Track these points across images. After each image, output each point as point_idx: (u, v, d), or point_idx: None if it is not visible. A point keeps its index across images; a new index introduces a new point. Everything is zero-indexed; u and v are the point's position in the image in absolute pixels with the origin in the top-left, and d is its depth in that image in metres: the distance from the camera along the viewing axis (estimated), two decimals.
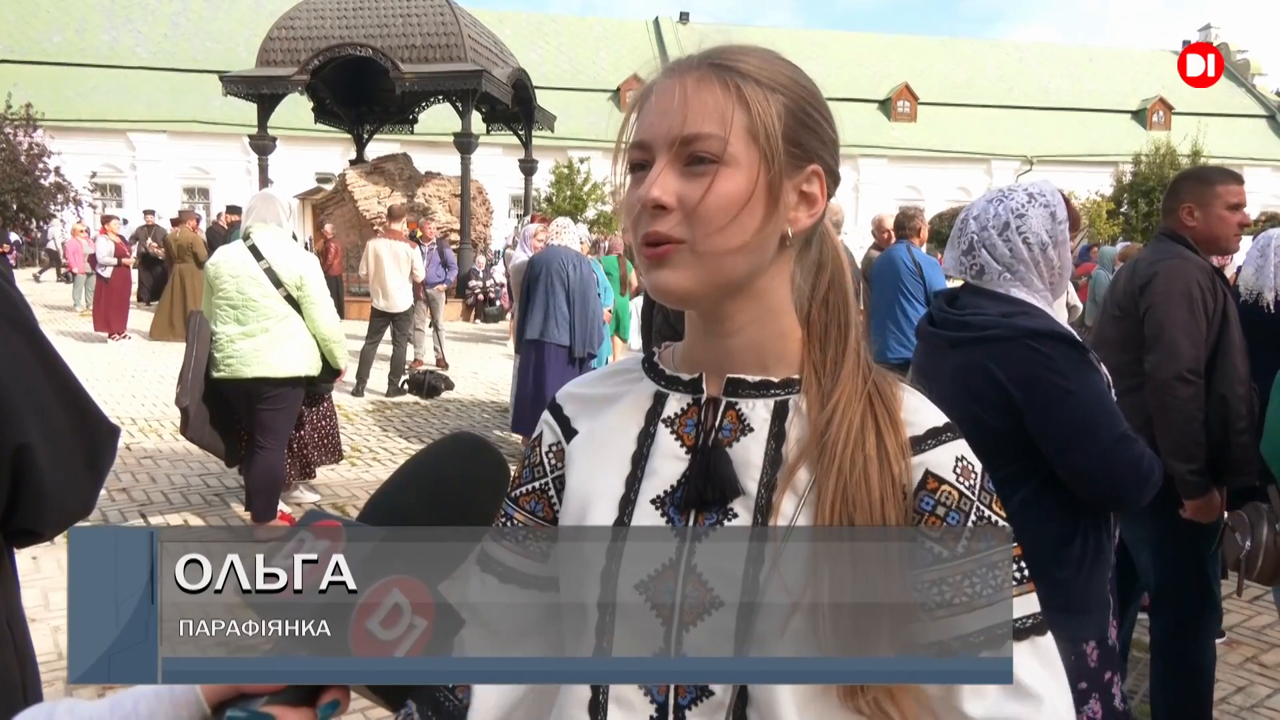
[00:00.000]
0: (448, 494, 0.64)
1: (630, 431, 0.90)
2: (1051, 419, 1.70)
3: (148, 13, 39.47)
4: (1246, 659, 3.69)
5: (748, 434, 0.86)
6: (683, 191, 0.80)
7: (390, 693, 0.56)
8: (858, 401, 0.84)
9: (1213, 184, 2.75)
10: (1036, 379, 1.71)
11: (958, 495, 0.83)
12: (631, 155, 0.84)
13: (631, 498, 0.87)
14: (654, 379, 0.93)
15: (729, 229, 0.80)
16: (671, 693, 0.81)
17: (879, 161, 39.30)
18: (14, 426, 1.25)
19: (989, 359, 1.74)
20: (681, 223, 0.80)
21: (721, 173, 0.79)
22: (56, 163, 24.31)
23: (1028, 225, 1.80)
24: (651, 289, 0.83)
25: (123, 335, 12.58)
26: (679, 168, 0.80)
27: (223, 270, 4.51)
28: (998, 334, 1.76)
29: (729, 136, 0.79)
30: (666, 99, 0.81)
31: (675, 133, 0.80)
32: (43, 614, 3.79)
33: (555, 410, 0.97)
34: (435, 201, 16.13)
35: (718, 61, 0.82)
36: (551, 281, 6.01)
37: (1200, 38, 47.46)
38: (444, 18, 14.98)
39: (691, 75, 0.82)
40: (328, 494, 5.64)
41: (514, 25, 39.90)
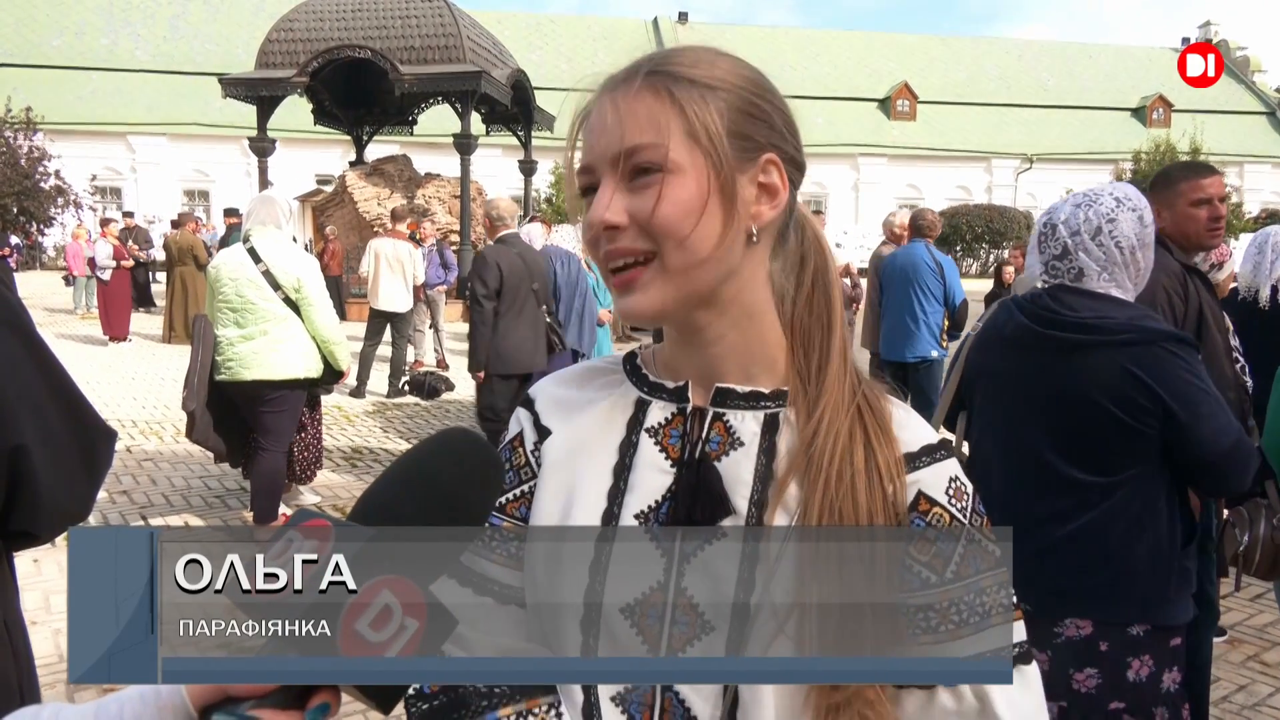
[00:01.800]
0: (440, 491, 0.62)
1: (611, 440, 0.85)
2: (1197, 417, 1.77)
3: (147, 16, 39.45)
4: (1248, 657, 3.68)
5: (738, 448, 0.81)
6: (633, 207, 0.77)
7: (382, 695, 0.55)
8: (845, 412, 0.80)
9: (1175, 182, 2.72)
10: (1181, 380, 1.77)
11: (949, 518, 0.79)
12: (580, 180, 0.81)
13: (615, 511, 0.82)
14: (636, 384, 0.88)
15: (692, 238, 0.76)
16: (656, 715, 0.78)
17: (878, 160, 39.24)
18: (9, 428, 1.25)
19: (1129, 361, 1.78)
20: (640, 236, 0.77)
21: (668, 180, 0.76)
22: (56, 166, 24.30)
23: (1119, 229, 1.86)
24: (622, 314, 0.80)
25: (124, 338, 12.58)
26: (625, 184, 0.77)
27: (222, 273, 4.52)
28: (1133, 337, 1.79)
29: (668, 143, 0.76)
30: (602, 117, 0.79)
31: (614, 149, 0.77)
32: (44, 616, 3.80)
33: (529, 405, 0.92)
34: (435, 203, 16.12)
35: (650, 69, 0.79)
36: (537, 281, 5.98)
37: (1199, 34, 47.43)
38: (443, 19, 14.96)
39: (622, 88, 0.79)
40: (328, 495, 5.64)
41: (513, 26, 39.87)
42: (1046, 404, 1.87)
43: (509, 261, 5.35)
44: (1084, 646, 1.80)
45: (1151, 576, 1.80)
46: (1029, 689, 0.78)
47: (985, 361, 2.03)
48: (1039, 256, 1.97)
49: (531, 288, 5.45)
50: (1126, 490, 1.81)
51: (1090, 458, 1.82)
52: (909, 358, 5.67)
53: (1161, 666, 1.81)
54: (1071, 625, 1.81)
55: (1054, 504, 1.83)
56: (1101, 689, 1.79)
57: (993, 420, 2.01)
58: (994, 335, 2.02)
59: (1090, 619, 1.79)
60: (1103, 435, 1.80)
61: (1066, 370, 1.84)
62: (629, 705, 0.79)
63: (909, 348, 5.68)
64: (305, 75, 14.45)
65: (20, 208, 23.04)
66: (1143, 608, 1.80)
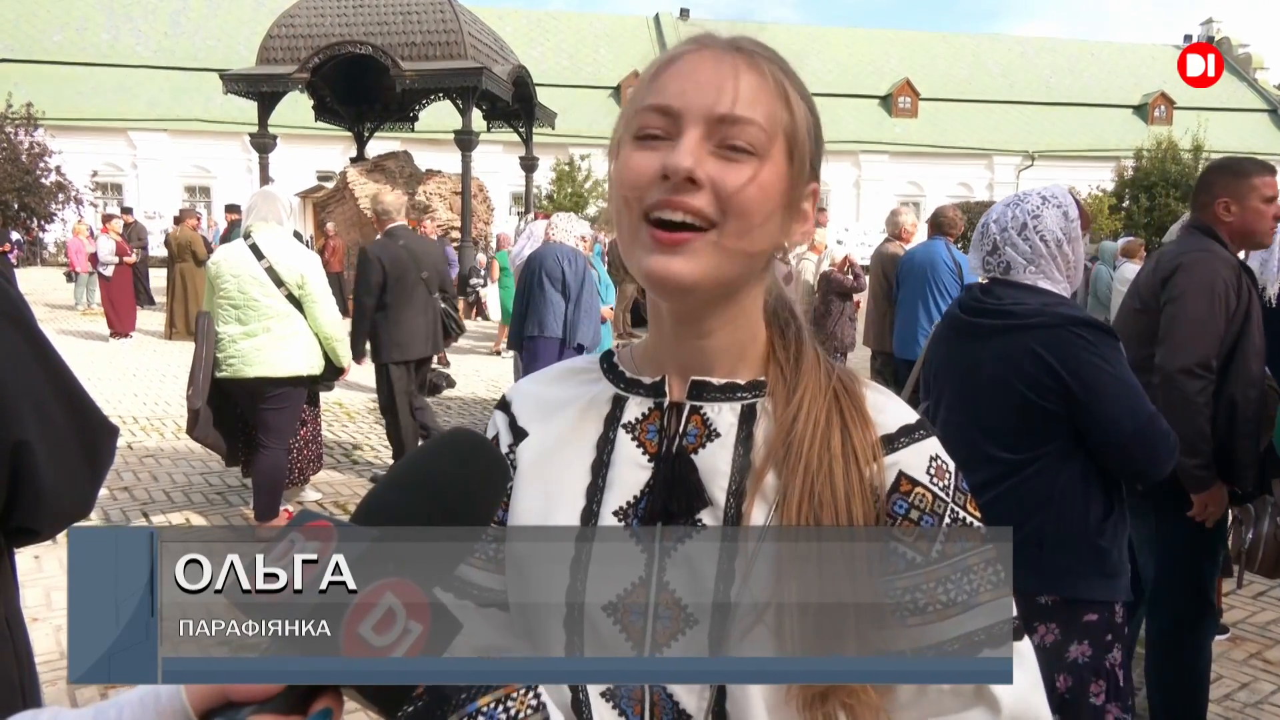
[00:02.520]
0: (444, 493, 0.62)
1: (588, 437, 0.84)
2: (1097, 398, 1.88)
3: (148, 11, 39.42)
4: (1250, 655, 3.68)
5: (714, 440, 0.81)
6: (718, 173, 0.73)
7: (385, 699, 0.54)
8: (822, 397, 0.80)
9: (1249, 176, 2.69)
10: (1083, 361, 1.89)
11: (931, 497, 0.78)
12: (644, 120, 0.75)
13: (594, 509, 0.81)
14: (613, 380, 0.87)
15: (761, 227, 0.75)
16: (647, 716, 0.77)
17: (880, 157, 39.20)
18: (12, 423, 1.24)
19: (1036, 343, 1.92)
20: (713, 204, 0.73)
21: (766, 165, 0.74)
22: (58, 162, 24.31)
23: (1043, 225, 1.99)
24: (655, 272, 0.74)
25: (127, 335, 12.59)
26: (713, 148, 0.73)
27: (224, 270, 4.51)
28: (1043, 320, 1.93)
29: (775, 133, 0.74)
30: (705, 70, 0.74)
31: (719, 109, 0.72)
32: (45, 613, 3.80)
33: (505, 407, 0.91)
34: (436, 199, 16.10)
35: (762, 52, 0.77)
36: (543, 278, 6.01)
37: (1201, 32, 47.33)
38: (444, 15, 14.95)
39: (733, 55, 0.75)
40: (329, 492, 5.65)
41: (514, 22, 39.83)
42: (971, 385, 2.01)
43: (392, 254, 5.58)
44: None
45: (1059, 551, 1.91)
46: (1023, 665, 0.77)
47: (938, 348, 2.20)
48: (976, 254, 2.10)
49: (420, 276, 5.67)
50: (1035, 467, 1.93)
51: (1005, 435, 1.96)
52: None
53: (1069, 638, 1.91)
54: None
55: (973, 478, 1.92)
56: None
57: (936, 402, 2.16)
58: (951, 323, 2.17)
59: None
60: (1014, 414, 1.94)
61: (988, 353, 1.98)
62: (619, 700, 0.78)
63: (920, 346, 5.66)
64: (306, 71, 14.45)
65: (21, 203, 23.05)
66: (1047, 579, 1.90)
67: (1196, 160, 31.41)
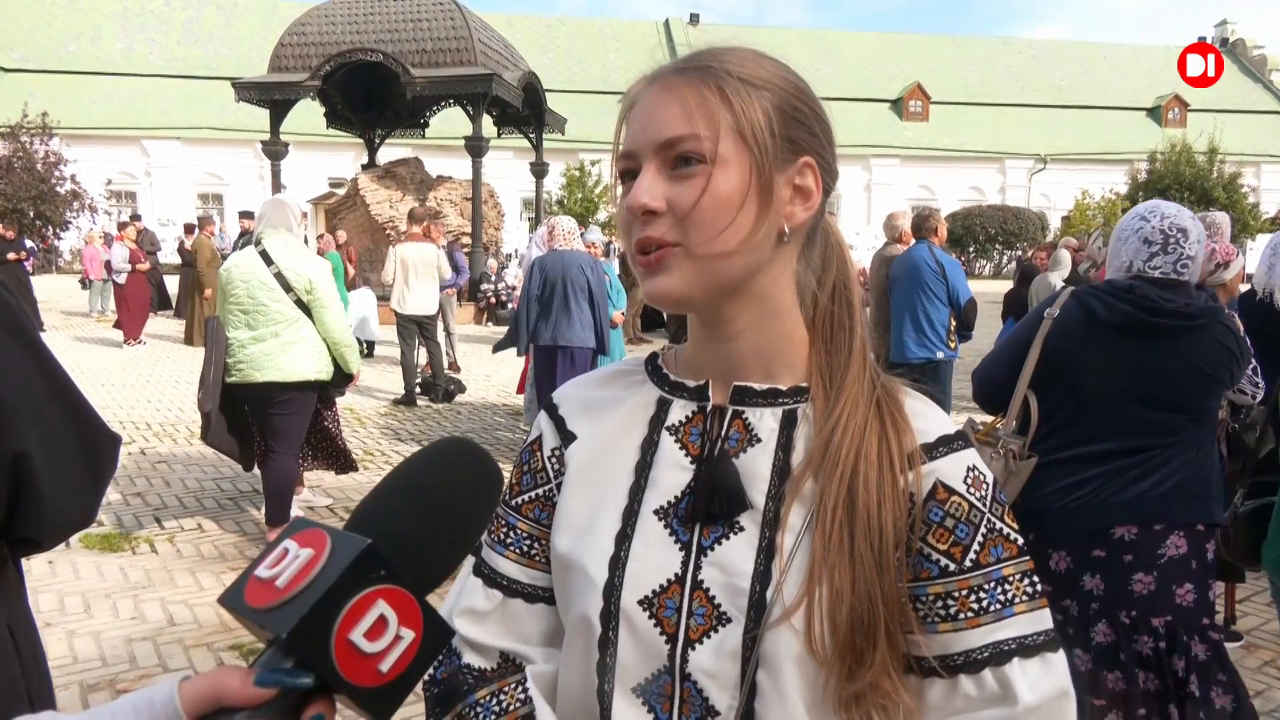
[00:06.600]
0: (437, 500, 0.62)
1: (633, 439, 0.87)
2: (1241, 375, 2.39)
3: (161, 21, 39.79)
4: (1265, 663, 3.64)
5: (755, 444, 0.83)
6: (673, 195, 0.78)
7: (378, 705, 0.54)
8: (865, 405, 0.81)
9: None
10: (1242, 349, 2.33)
11: (968, 506, 0.79)
12: (620, 165, 0.83)
13: (635, 508, 0.84)
14: (657, 383, 0.90)
15: (726, 231, 0.78)
16: (675, 713, 0.79)
17: (891, 161, 39.14)
18: (12, 434, 1.23)
19: (1218, 336, 2.27)
20: (674, 226, 0.78)
21: (714, 174, 0.77)
22: (72, 170, 24.52)
23: (1199, 233, 2.35)
24: (648, 295, 0.81)
25: (138, 341, 12.67)
26: (666, 172, 0.79)
27: (234, 275, 4.54)
28: (1211, 318, 2.28)
29: (717, 136, 0.77)
30: (651, 106, 0.80)
31: (659, 136, 0.78)
32: (58, 618, 3.82)
33: (552, 411, 0.94)
34: (447, 205, 16.17)
35: (699, 64, 0.81)
36: (570, 286, 6.05)
37: (1216, 34, 47.07)
38: (454, 22, 15.01)
39: (672, 80, 0.80)
40: (339, 497, 5.66)
41: (524, 29, 39.99)
42: (1152, 373, 2.28)
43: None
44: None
45: (1208, 485, 2.33)
46: (1052, 673, 0.77)
47: (1061, 342, 2.37)
48: (1136, 254, 2.31)
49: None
50: (1204, 424, 2.34)
51: (1183, 410, 2.30)
52: (914, 359, 5.63)
53: (1200, 554, 2.30)
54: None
55: (1142, 442, 2.30)
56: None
57: (1071, 390, 2.36)
58: (1087, 325, 2.34)
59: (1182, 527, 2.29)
60: (1198, 393, 2.30)
61: (1171, 346, 2.27)
62: (649, 696, 0.80)
63: (914, 349, 5.64)
64: (317, 79, 14.54)
65: (37, 212, 23.25)
66: (1195, 510, 2.31)
67: (1211, 163, 31.22)
